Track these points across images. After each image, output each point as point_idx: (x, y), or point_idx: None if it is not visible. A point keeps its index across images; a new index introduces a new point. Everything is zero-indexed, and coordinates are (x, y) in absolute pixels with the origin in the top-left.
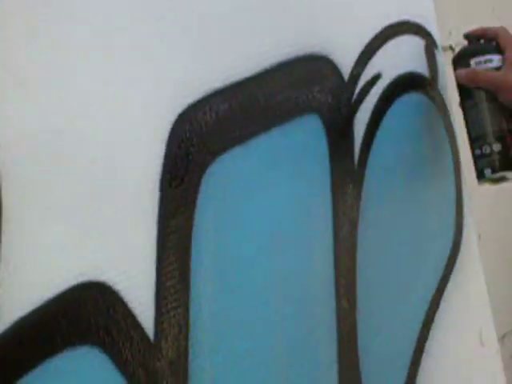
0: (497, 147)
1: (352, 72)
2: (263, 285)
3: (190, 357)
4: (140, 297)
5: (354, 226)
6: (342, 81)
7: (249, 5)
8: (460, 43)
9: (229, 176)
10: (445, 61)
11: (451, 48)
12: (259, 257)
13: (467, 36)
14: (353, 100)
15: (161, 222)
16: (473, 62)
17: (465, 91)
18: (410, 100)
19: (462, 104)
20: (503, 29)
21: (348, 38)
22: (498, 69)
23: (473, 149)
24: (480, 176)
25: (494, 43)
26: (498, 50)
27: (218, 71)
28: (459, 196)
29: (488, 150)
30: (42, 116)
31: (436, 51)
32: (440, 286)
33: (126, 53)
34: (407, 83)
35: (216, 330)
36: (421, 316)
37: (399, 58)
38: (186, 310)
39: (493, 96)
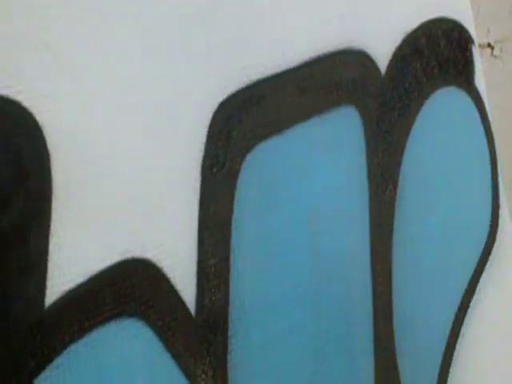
0: None
1: (389, 66)
2: (301, 265)
3: (230, 333)
4: (182, 274)
5: (390, 212)
6: (379, 74)
7: (285, 2)
8: (498, 40)
9: (268, 162)
10: (482, 58)
11: (489, 46)
12: (297, 239)
13: None
14: (389, 93)
15: (202, 205)
16: None
17: None
18: (446, 93)
19: None
20: None
21: (384, 32)
22: None
23: None
24: None
25: None
26: None
27: (257, 64)
28: (495, 187)
29: None
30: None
31: (473, 48)
32: (474, 276)
33: (170, 43)
34: (443, 77)
35: (256, 308)
36: (455, 303)
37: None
38: (227, 287)
39: None
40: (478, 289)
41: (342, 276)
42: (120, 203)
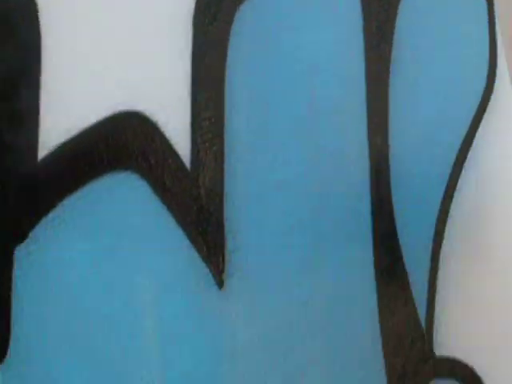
0: None
1: None
2: (293, 115)
3: (225, 185)
4: (176, 128)
5: (386, 65)
6: None
7: None
8: None
9: (261, 13)
10: None
11: None
12: (292, 90)
13: None
14: None
15: (195, 58)
16: None
17: None
18: None
19: None
20: None
21: None
22: None
23: None
24: None
25: None
26: None
27: None
28: (492, 37)
29: None
30: None
31: None
32: (472, 126)
33: None
34: None
35: (250, 160)
36: (453, 153)
37: None
38: (222, 140)
39: None
40: (475, 142)
41: (336, 127)
42: (111, 56)
